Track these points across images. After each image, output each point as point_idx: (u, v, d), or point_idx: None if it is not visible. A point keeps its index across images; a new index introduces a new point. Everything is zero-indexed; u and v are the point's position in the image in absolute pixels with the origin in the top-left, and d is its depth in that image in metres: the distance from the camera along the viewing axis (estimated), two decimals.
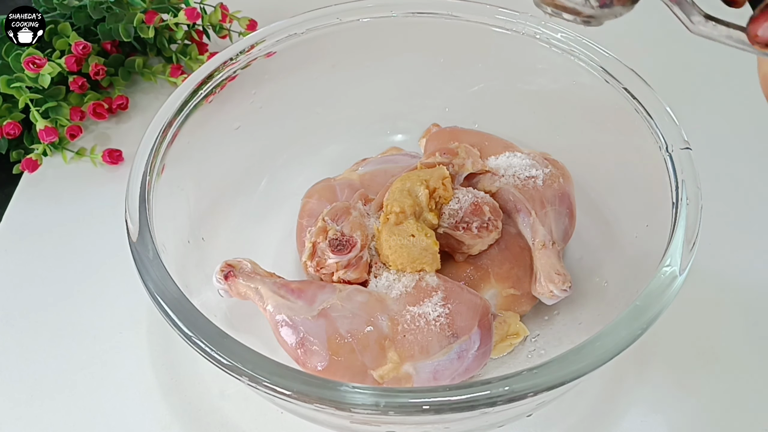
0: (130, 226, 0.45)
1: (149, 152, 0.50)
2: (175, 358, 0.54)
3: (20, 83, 0.65)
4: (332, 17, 0.60)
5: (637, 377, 0.53)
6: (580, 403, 0.51)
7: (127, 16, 0.71)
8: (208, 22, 0.75)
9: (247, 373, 0.38)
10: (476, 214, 0.51)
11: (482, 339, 0.47)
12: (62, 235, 0.63)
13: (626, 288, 0.49)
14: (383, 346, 0.45)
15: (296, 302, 0.46)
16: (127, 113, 0.74)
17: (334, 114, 0.65)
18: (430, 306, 0.46)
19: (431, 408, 0.36)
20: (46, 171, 0.68)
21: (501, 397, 0.36)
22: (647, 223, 0.50)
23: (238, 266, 0.49)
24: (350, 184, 0.58)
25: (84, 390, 0.53)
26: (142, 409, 0.52)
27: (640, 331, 0.39)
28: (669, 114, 0.50)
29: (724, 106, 0.74)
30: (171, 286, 0.42)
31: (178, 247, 0.50)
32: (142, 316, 0.57)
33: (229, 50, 0.57)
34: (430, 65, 0.64)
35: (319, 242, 0.49)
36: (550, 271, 0.50)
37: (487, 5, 0.60)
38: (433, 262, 0.49)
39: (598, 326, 0.40)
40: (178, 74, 0.73)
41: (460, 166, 0.54)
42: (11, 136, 0.67)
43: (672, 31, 0.91)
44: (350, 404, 0.37)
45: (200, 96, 0.54)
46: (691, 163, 0.47)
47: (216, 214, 0.58)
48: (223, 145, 0.59)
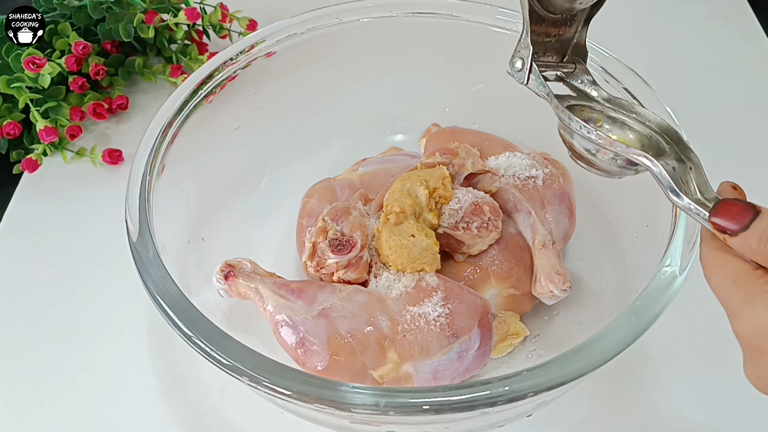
0: (130, 226, 0.45)
1: (149, 152, 0.50)
2: (175, 358, 0.54)
3: (20, 83, 0.65)
4: (332, 17, 0.60)
5: (637, 377, 0.53)
6: (580, 403, 0.51)
7: (127, 16, 0.71)
8: (208, 22, 0.75)
9: (247, 373, 0.38)
10: (476, 214, 0.51)
11: (482, 339, 0.47)
12: (62, 235, 0.63)
13: (626, 288, 0.49)
14: (383, 346, 0.45)
15: (296, 302, 0.46)
16: (127, 113, 0.74)
17: (334, 114, 0.65)
18: (430, 306, 0.46)
19: (431, 408, 0.36)
20: (46, 171, 0.68)
21: (501, 397, 0.36)
22: (647, 223, 0.50)
23: (238, 266, 0.49)
24: (350, 184, 0.58)
25: (84, 390, 0.53)
26: (142, 409, 0.52)
27: (640, 331, 0.39)
28: (669, 114, 0.50)
29: (724, 106, 0.74)
30: (171, 286, 0.42)
31: (178, 247, 0.50)
32: (142, 316, 0.57)
33: (229, 50, 0.57)
34: (430, 65, 0.64)
35: (319, 242, 0.49)
36: (550, 271, 0.50)
37: (487, 5, 0.60)
38: (433, 262, 0.49)
39: (598, 326, 0.40)
40: (178, 74, 0.73)
41: (460, 166, 0.54)
42: (11, 136, 0.67)
43: (672, 32, 0.91)
44: (350, 404, 0.37)
45: (200, 96, 0.54)
46: None
47: (216, 214, 0.58)
48: (223, 145, 0.59)
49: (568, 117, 0.38)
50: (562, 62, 0.43)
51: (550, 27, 0.41)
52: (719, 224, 0.32)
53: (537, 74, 0.40)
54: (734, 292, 0.31)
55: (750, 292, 0.30)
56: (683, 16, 0.85)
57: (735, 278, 0.31)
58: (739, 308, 0.31)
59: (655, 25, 0.81)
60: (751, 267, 0.31)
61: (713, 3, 0.86)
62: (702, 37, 0.83)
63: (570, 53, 0.43)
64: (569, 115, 0.38)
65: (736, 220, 0.31)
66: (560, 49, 0.42)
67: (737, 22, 0.84)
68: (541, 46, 0.41)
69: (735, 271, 0.31)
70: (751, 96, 0.75)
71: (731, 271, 0.32)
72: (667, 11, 0.84)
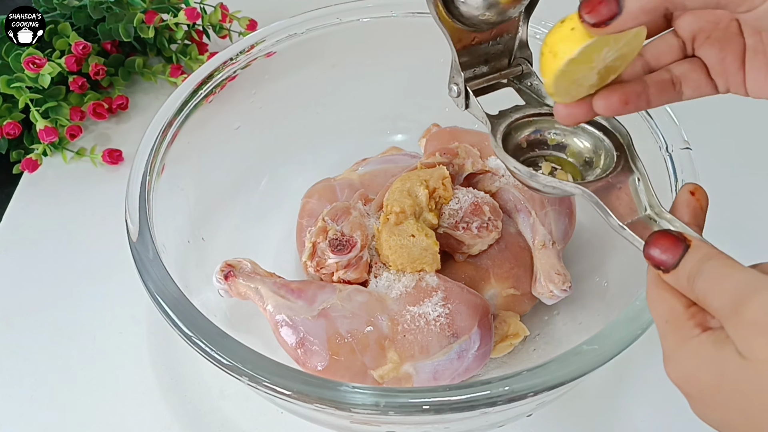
0: (130, 226, 0.45)
1: (149, 152, 0.50)
2: (175, 358, 0.54)
3: (20, 83, 0.65)
4: (332, 17, 0.60)
5: (637, 377, 0.53)
6: (580, 403, 0.51)
7: (127, 16, 0.71)
8: (208, 22, 0.75)
9: (247, 373, 0.38)
10: (476, 214, 0.51)
11: (482, 339, 0.47)
12: (62, 235, 0.63)
13: (626, 288, 0.49)
14: (383, 346, 0.45)
15: (296, 302, 0.46)
16: (127, 113, 0.74)
17: (334, 114, 0.65)
18: (430, 306, 0.46)
19: (431, 408, 0.36)
20: (46, 171, 0.68)
21: (501, 397, 0.36)
22: None
23: (238, 266, 0.49)
24: (350, 184, 0.58)
25: (84, 390, 0.53)
26: (142, 409, 0.52)
27: (640, 331, 0.39)
28: (669, 114, 0.50)
29: (724, 107, 0.74)
30: (171, 286, 0.42)
31: (178, 247, 0.50)
32: (142, 316, 0.57)
33: (229, 50, 0.57)
34: (430, 65, 0.64)
35: (319, 242, 0.49)
36: (550, 271, 0.50)
37: None
38: (433, 262, 0.49)
39: (598, 326, 0.40)
40: (178, 74, 0.73)
41: (460, 166, 0.54)
42: (11, 136, 0.67)
43: None
44: (350, 404, 0.37)
45: (200, 96, 0.54)
46: (691, 163, 0.47)
47: (216, 214, 0.58)
48: (223, 145, 0.59)
49: (503, 156, 0.38)
50: (509, 65, 0.41)
51: (485, 35, 0.39)
52: (653, 258, 0.30)
53: (473, 98, 0.39)
54: (667, 333, 0.30)
55: (680, 336, 0.29)
56: None
57: (669, 318, 0.30)
58: (670, 349, 0.30)
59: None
60: (685, 305, 0.30)
61: None
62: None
63: (517, 53, 0.41)
64: (503, 155, 0.38)
65: (668, 254, 0.30)
66: (506, 51, 0.41)
67: None
68: (482, 57, 0.40)
69: (670, 310, 0.30)
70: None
71: (666, 309, 0.30)
72: None
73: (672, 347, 0.30)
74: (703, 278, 0.29)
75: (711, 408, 0.28)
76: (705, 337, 0.28)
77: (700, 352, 0.28)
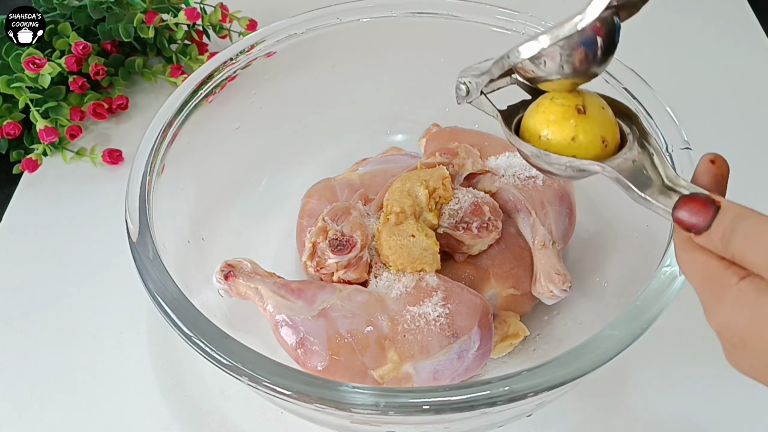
0: (130, 226, 0.45)
1: (149, 152, 0.50)
2: (175, 358, 0.54)
3: (20, 83, 0.65)
4: (332, 17, 0.60)
5: (637, 377, 0.53)
6: (580, 403, 0.51)
7: (127, 16, 0.71)
8: (208, 22, 0.75)
9: (247, 373, 0.38)
10: (476, 214, 0.51)
11: (482, 339, 0.47)
12: (62, 235, 0.63)
13: (626, 288, 0.49)
14: (383, 346, 0.45)
15: (296, 302, 0.46)
16: (127, 113, 0.74)
17: (334, 114, 0.65)
18: (430, 306, 0.46)
19: (431, 408, 0.36)
20: (46, 171, 0.68)
21: (501, 397, 0.36)
22: (647, 223, 0.50)
23: (238, 266, 0.49)
24: (350, 184, 0.58)
25: (84, 390, 0.53)
26: (142, 409, 0.52)
27: (640, 331, 0.39)
28: (669, 114, 0.50)
29: (724, 106, 0.74)
30: (171, 286, 0.42)
31: (178, 247, 0.50)
32: (142, 316, 0.57)
33: (229, 50, 0.57)
34: (430, 65, 0.64)
35: (319, 242, 0.49)
36: (550, 271, 0.50)
37: (487, 5, 0.60)
38: (433, 262, 0.49)
39: (598, 326, 0.40)
40: (178, 74, 0.73)
41: (460, 166, 0.54)
42: (11, 136, 0.67)
43: (672, 32, 0.91)
44: (350, 404, 0.37)
45: (200, 96, 0.54)
46: (691, 163, 0.47)
47: (216, 214, 0.58)
48: (223, 145, 0.59)
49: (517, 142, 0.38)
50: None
51: None
52: (683, 221, 0.31)
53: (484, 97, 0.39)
54: (704, 287, 0.31)
55: (718, 286, 0.30)
56: (683, 16, 0.85)
57: (704, 273, 0.31)
58: (709, 303, 0.30)
59: (654, 25, 0.81)
60: (719, 259, 0.30)
61: (713, 3, 0.86)
62: (702, 37, 0.83)
63: None
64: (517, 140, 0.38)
65: (699, 216, 0.30)
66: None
67: (737, 22, 0.84)
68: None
69: (704, 265, 0.31)
70: (751, 96, 0.75)
71: (700, 266, 0.31)
72: (667, 11, 0.84)
73: (711, 300, 0.30)
74: (740, 236, 0.29)
75: (752, 355, 0.29)
76: (745, 284, 0.29)
77: (739, 299, 0.29)
